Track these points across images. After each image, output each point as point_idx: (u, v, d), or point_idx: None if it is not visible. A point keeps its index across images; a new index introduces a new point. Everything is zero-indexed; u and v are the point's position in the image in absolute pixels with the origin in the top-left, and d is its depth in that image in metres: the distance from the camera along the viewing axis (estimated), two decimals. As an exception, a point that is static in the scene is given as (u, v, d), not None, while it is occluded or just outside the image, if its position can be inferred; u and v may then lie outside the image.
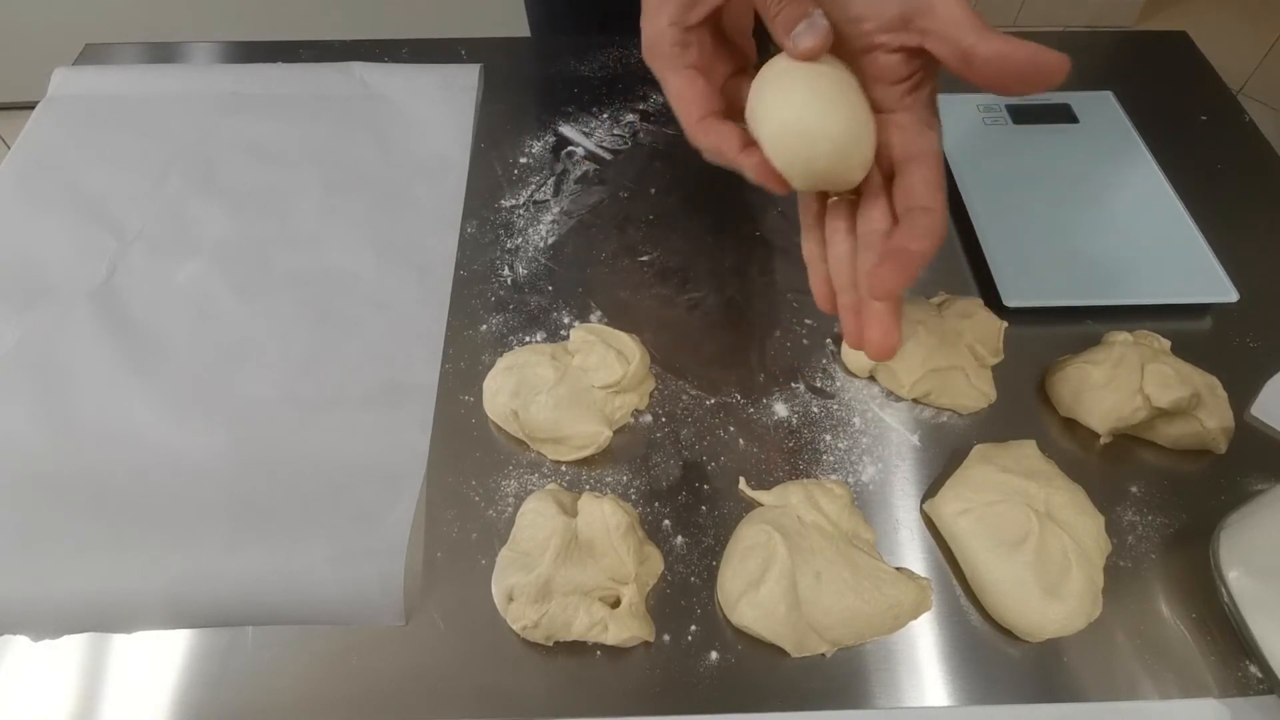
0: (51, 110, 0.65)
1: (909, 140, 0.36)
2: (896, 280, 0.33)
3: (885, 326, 0.35)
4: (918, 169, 0.35)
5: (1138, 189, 0.58)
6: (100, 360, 0.50)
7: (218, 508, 0.44)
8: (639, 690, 0.39)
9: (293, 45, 0.70)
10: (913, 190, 0.35)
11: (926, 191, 0.35)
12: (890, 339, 0.35)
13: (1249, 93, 1.74)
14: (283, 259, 0.56)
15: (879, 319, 0.35)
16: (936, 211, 0.34)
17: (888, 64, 0.35)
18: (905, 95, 0.36)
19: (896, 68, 0.35)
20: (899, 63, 0.35)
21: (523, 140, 0.64)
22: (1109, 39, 0.79)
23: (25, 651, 0.41)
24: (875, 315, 0.35)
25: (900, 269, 0.33)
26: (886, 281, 0.34)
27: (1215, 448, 0.46)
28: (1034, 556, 0.40)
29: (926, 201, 0.35)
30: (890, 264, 0.34)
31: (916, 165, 0.35)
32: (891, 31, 0.34)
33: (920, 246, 0.34)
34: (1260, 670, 0.39)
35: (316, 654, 0.40)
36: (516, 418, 0.46)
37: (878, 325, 0.35)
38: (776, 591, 0.39)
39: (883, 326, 0.35)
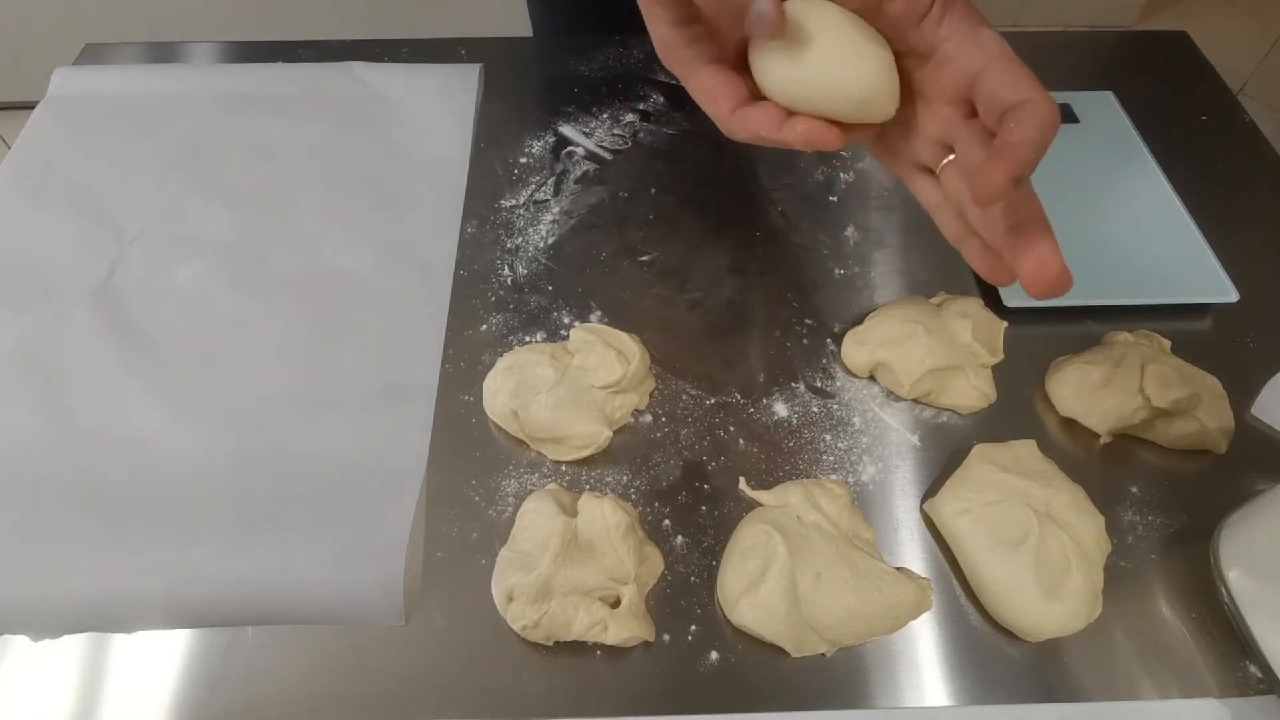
0: (51, 110, 0.65)
1: (963, 61, 0.33)
2: (1000, 171, 0.30)
3: (1037, 253, 0.31)
4: (987, 80, 0.32)
5: (1138, 189, 0.58)
6: (100, 360, 0.50)
7: (217, 508, 0.44)
8: (639, 690, 0.39)
9: (293, 45, 0.70)
10: (996, 99, 0.32)
11: (1007, 90, 0.31)
12: (1046, 266, 0.31)
13: (1249, 93, 1.74)
14: (283, 259, 0.56)
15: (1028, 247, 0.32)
16: (1034, 99, 0.31)
17: (899, 10, 0.34)
18: (937, 26, 0.34)
19: (910, 8, 0.34)
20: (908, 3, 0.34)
21: (523, 140, 0.64)
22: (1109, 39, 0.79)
23: (25, 651, 0.41)
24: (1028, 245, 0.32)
25: (1004, 161, 0.30)
26: (990, 175, 0.30)
27: (1215, 448, 0.46)
28: (1034, 556, 0.40)
29: (1014, 96, 0.31)
30: (995, 159, 0.30)
31: (985, 78, 0.32)
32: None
33: (1019, 135, 0.30)
34: (1260, 670, 0.39)
35: (316, 654, 0.40)
36: (516, 418, 0.46)
37: (1030, 255, 0.32)
38: (776, 591, 0.39)
39: (1035, 254, 0.31)
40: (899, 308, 0.50)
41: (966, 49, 0.33)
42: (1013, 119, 0.31)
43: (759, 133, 0.36)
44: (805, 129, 0.35)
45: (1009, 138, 0.30)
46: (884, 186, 0.61)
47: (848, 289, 0.55)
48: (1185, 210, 0.56)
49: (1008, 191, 0.30)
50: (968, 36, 0.33)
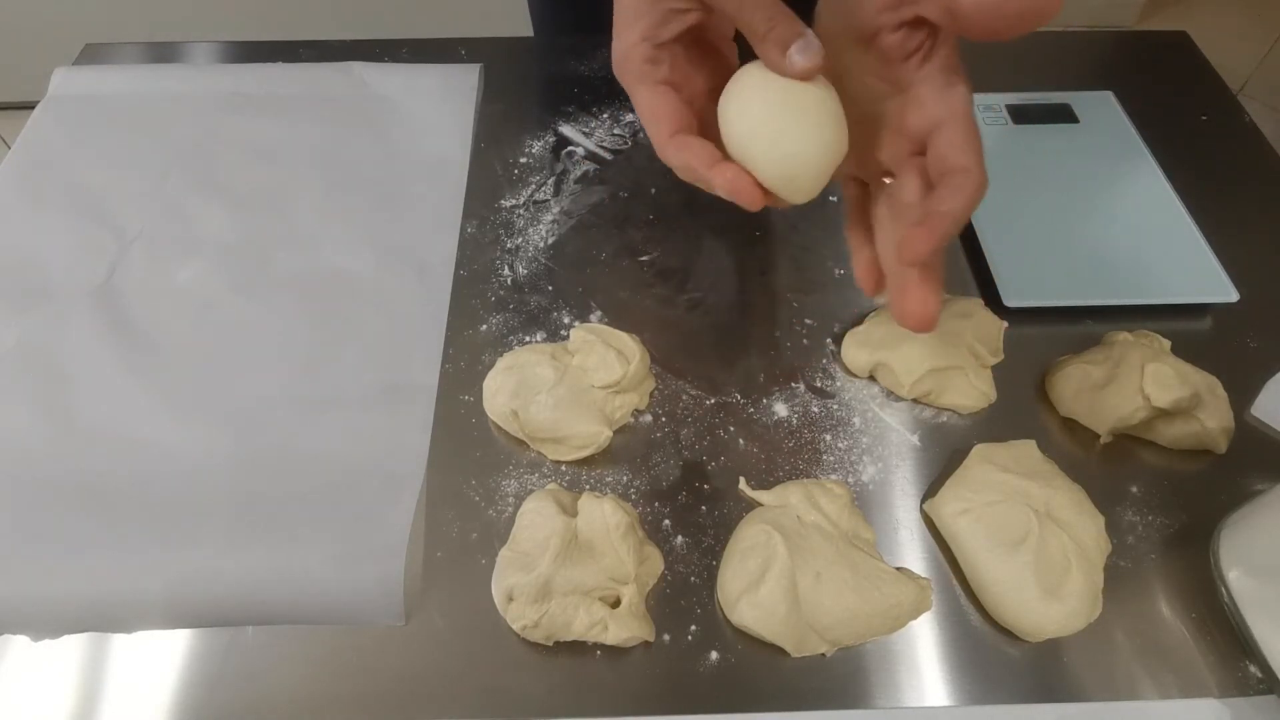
0: (51, 110, 0.65)
1: (930, 109, 0.36)
2: (923, 242, 0.33)
3: (921, 295, 0.35)
4: (945, 134, 0.35)
5: (1138, 189, 0.58)
6: (100, 360, 0.50)
7: (218, 507, 0.44)
8: (639, 690, 0.39)
9: (293, 45, 0.70)
10: (943, 156, 0.35)
11: (954, 152, 0.34)
12: (927, 308, 0.35)
13: (1249, 93, 1.74)
14: (283, 259, 0.56)
15: (914, 287, 0.35)
16: (971, 170, 0.34)
17: (893, 43, 0.36)
18: (919, 68, 0.36)
19: (902, 43, 0.35)
20: (903, 38, 0.35)
21: (523, 140, 0.64)
22: (1109, 39, 0.79)
23: (25, 651, 0.41)
24: (911, 284, 0.35)
25: (928, 231, 0.33)
26: (914, 244, 0.33)
27: (1215, 448, 0.46)
28: (1034, 556, 0.40)
29: (959, 162, 0.34)
30: (919, 228, 0.34)
31: (943, 132, 0.35)
32: (890, 9, 0.35)
33: (949, 206, 0.33)
34: (1260, 670, 0.39)
35: (316, 654, 0.40)
36: (516, 418, 0.46)
37: (914, 294, 0.35)
38: (776, 591, 0.39)
39: (918, 295, 0.35)
40: (899, 308, 0.50)
41: (935, 98, 0.36)
42: (947, 186, 0.34)
43: (691, 164, 0.37)
44: (732, 178, 0.36)
45: (939, 207, 0.34)
46: (884, 186, 0.61)
47: (848, 289, 0.55)
48: (1185, 210, 0.56)
49: (929, 257, 0.34)
50: (941, 87, 0.36)
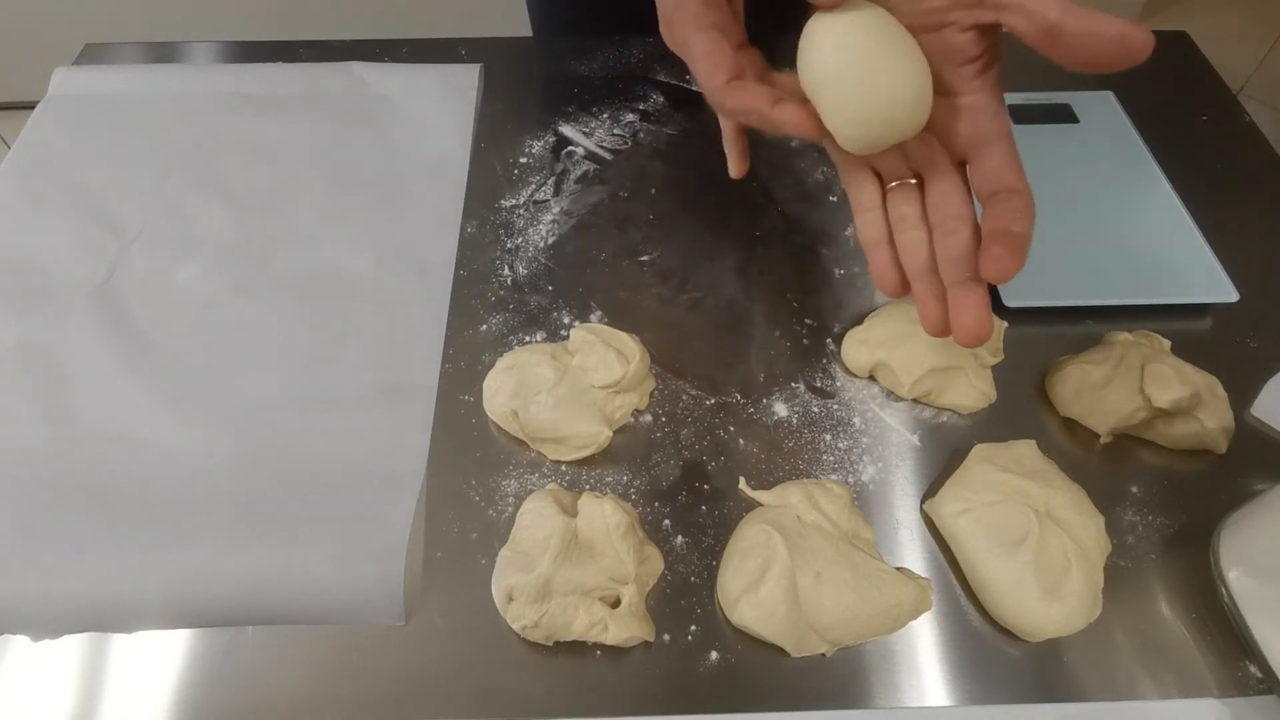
0: (51, 110, 0.65)
1: (982, 124, 0.35)
2: (1012, 263, 0.33)
3: (981, 313, 0.35)
4: (996, 152, 0.34)
5: (1138, 189, 0.58)
6: (100, 360, 0.50)
7: (218, 507, 0.44)
8: (639, 690, 0.39)
9: (293, 45, 0.70)
10: (996, 173, 0.34)
11: (1011, 174, 0.34)
12: (986, 326, 0.35)
13: (1249, 93, 1.74)
14: (283, 259, 0.56)
15: (975, 304, 0.35)
16: (1025, 193, 0.34)
17: (958, 43, 0.33)
18: (975, 77, 0.34)
19: (967, 47, 0.33)
20: (970, 42, 0.33)
21: (523, 140, 0.64)
22: (1109, 39, 0.79)
23: (25, 651, 0.41)
24: (972, 301, 0.35)
25: (1014, 251, 0.33)
26: (1002, 264, 0.33)
27: (1215, 448, 0.46)
28: (1034, 556, 0.40)
29: (1013, 183, 0.34)
30: (1002, 247, 0.33)
31: (994, 148, 0.34)
32: (964, 8, 0.32)
33: (1021, 228, 0.33)
34: (1260, 670, 0.39)
35: (316, 654, 0.40)
36: (516, 418, 0.46)
37: (973, 311, 0.35)
38: (776, 591, 0.39)
39: (978, 313, 0.35)
40: (899, 308, 0.50)
41: (986, 114, 0.35)
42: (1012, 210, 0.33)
43: (750, 105, 0.35)
44: (794, 112, 0.34)
45: (1014, 228, 0.33)
46: (884, 186, 0.61)
47: (848, 289, 0.55)
48: (1185, 210, 0.56)
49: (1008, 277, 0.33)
50: (990, 104, 0.35)
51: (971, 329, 0.35)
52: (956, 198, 0.36)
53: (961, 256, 0.35)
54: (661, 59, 0.68)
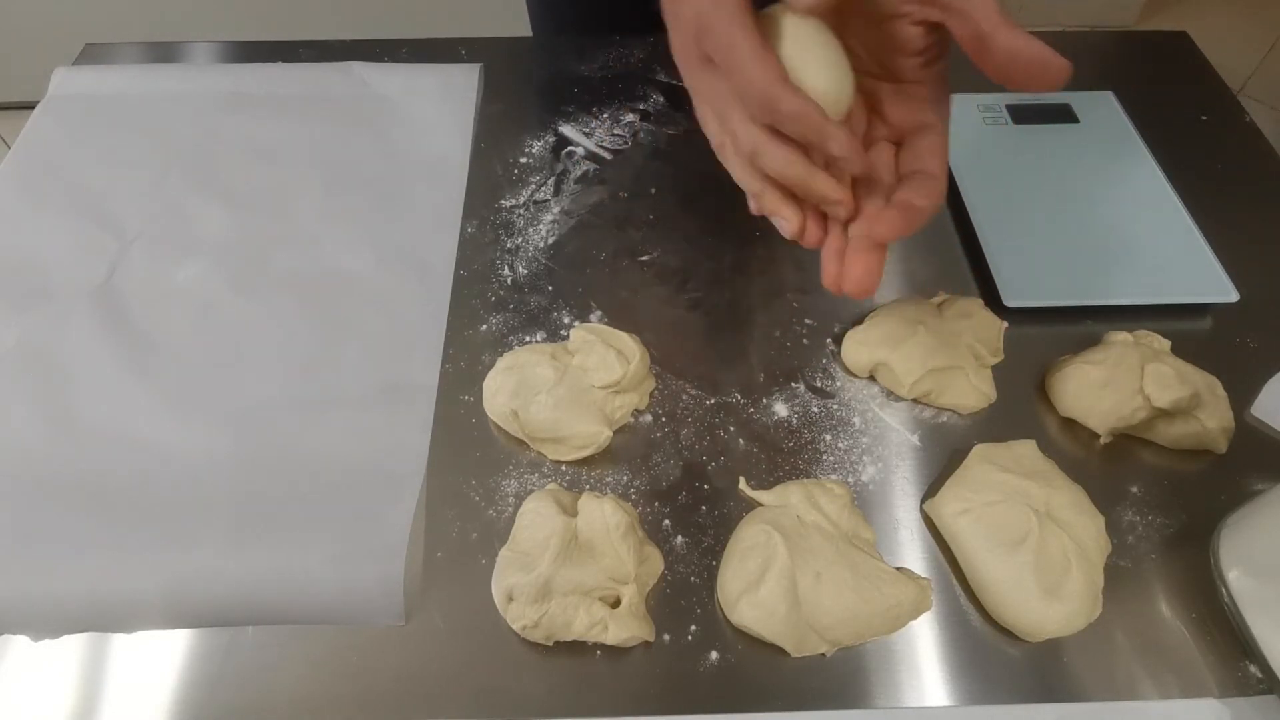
0: (51, 110, 0.65)
1: (919, 111, 0.38)
2: (899, 226, 0.36)
3: (869, 266, 0.37)
4: (924, 138, 0.37)
5: (1138, 189, 0.58)
6: (100, 360, 0.50)
7: (218, 507, 0.44)
8: (639, 690, 0.39)
9: (293, 45, 0.70)
10: (919, 156, 0.37)
11: (931, 158, 0.37)
12: (872, 278, 0.37)
13: (1249, 93, 1.74)
14: (283, 259, 0.56)
15: (864, 259, 0.37)
16: (939, 178, 0.37)
17: (908, 35, 0.36)
18: (920, 68, 0.37)
19: (916, 40, 0.36)
20: (919, 35, 0.36)
21: (523, 140, 0.64)
22: (1109, 39, 0.79)
23: (25, 651, 0.41)
24: (862, 256, 0.37)
25: (905, 218, 0.36)
26: (891, 225, 0.36)
27: (1215, 448, 0.46)
28: (1034, 556, 0.40)
29: (931, 168, 0.37)
30: (896, 211, 0.36)
31: (923, 135, 0.37)
32: (916, 3, 0.35)
33: (923, 204, 0.36)
34: (1260, 670, 0.39)
35: (316, 654, 0.40)
36: (516, 418, 0.46)
37: (862, 265, 0.37)
38: (776, 591, 0.39)
39: (866, 265, 0.37)
40: (899, 308, 0.50)
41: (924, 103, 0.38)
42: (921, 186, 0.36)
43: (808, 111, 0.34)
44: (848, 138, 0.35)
45: (915, 201, 0.36)
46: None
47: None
48: (1185, 210, 0.56)
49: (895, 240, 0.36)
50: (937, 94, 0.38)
51: (858, 280, 0.37)
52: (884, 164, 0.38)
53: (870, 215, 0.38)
54: (661, 59, 0.68)
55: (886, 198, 0.38)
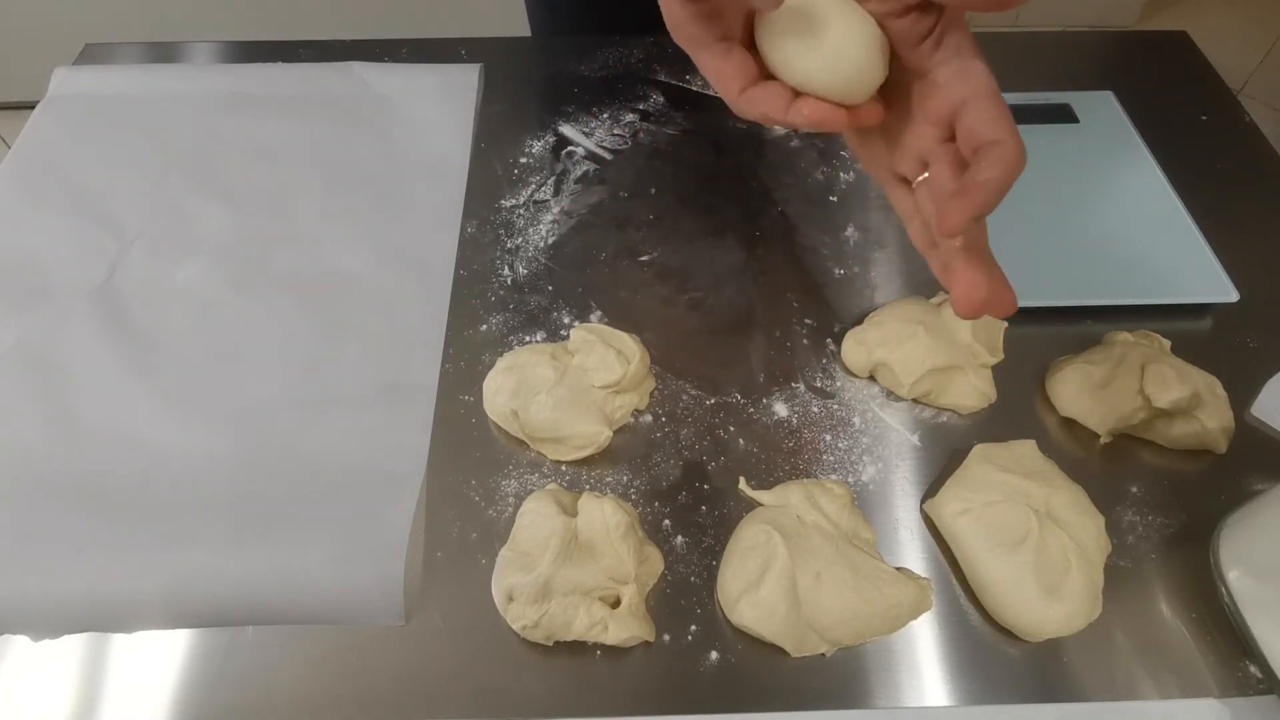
0: (51, 110, 0.65)
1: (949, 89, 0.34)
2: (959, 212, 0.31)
3: (969, 277, 0.33)
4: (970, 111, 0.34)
5: (1138, 189, 0.58)
6: (100, 360, 0.50)
7: (218, 507, 0.44)
8: (639, 690, 0.39)
9: (293, 45, 0.70)
10: (973, 131, 0.33)
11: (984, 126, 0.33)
12: (976, 291, 0.33)
13: (1249, 93, 1.74)
14: (283, 259, 0.56)
15: (962, 269, 0.33)
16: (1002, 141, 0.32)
17: (901, 28, 0.34)
18: (932, 52, 0.35)
19: (911, 28, 0.34)
20: (911, 23, 0.34)
21: (523, 140, 0.64)
22: (1109, 39, 0.79)
23: (25, 651, 0.41)
24: (959, 264, 0.33)
25: (966, 201, 0.31)
26: (950, 215, 0.31)
27: (1215, 448, 0.46)
28: (1034, 556, 0.40)
29: (987, 135, 0.33)
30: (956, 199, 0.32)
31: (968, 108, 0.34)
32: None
33: (986, 175, 0.31)
34: (1260, 670, 0.39)
35: (316, 654, 0.40)
36: (516, 418, 0.46)
37: (961, 276, 0.33)
38: (776, 591, 0.39)
39: (968, 279, 0.33)
40: (899, 308, 0.50)
41: (956, 79, 0.34)
42: (984, 158, 0.32)
43: (767, 113, 0.36)
44: (811, 110, 0.35)
45: (977, 177, 0.32)
46: (884, 186, 0.61)
47: (848, 289, 0.55)
48: (1185, 210, 0.56)
49: (968, 228, 0.32)
50: (959, 68, 0.34)
51: (963, 297, 0.33)
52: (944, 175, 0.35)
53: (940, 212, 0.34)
54: (661, 59, 0.69)
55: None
